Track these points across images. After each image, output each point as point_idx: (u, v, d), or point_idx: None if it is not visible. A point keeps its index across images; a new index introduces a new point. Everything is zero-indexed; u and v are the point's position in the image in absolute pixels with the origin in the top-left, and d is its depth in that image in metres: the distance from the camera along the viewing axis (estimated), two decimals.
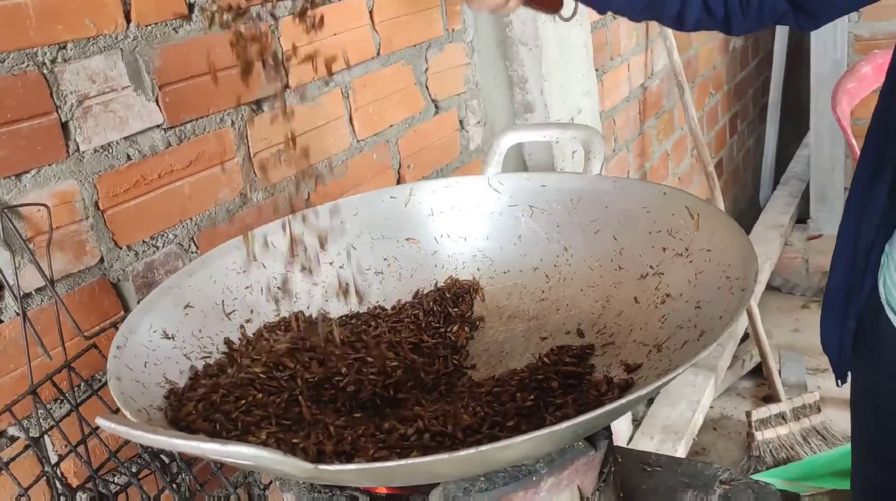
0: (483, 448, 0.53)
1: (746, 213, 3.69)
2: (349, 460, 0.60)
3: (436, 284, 1.01)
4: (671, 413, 2.23)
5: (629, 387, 0.73)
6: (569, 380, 0.78)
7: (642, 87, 2.47)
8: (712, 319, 0.72)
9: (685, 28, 0.99)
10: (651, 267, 0.89)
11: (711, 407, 2.53)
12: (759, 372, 2.58)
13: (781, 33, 3.66)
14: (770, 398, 2.49)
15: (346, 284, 0.98)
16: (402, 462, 0.54)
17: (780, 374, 2.55)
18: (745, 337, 2.67)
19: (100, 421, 0.55)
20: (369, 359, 0.81)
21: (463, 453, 0.53)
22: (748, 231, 3.35)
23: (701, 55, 2.98)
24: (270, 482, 1.00)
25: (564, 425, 0.54)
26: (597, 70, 2.10)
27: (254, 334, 0.92)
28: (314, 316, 0.94)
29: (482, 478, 0.68)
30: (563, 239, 1.00)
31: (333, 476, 0.57)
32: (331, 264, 1.03)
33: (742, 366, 2.63)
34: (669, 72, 2.43)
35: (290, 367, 0.83)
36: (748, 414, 2.25)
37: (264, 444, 0.61)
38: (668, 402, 2.29)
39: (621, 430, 2.13)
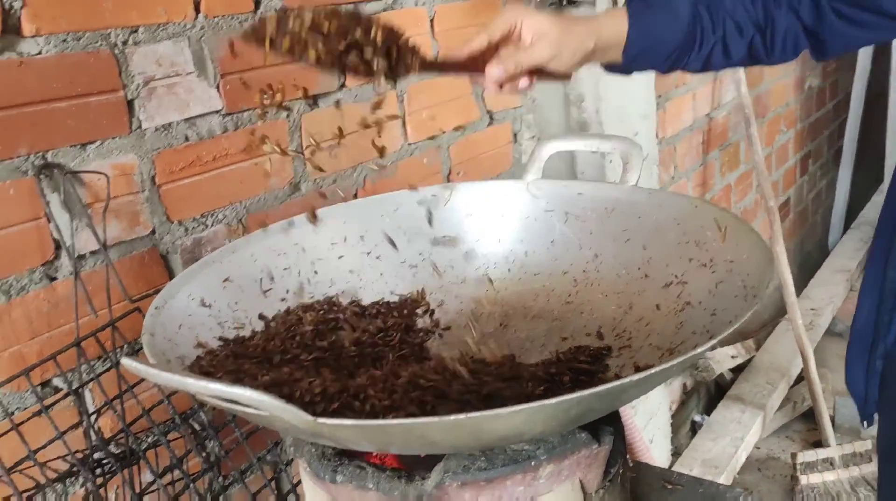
0: (473, 414, 0.55)
1: (813, 255, 3.60)
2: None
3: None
4: (713, 448, 2.19)
5: None
6: (580, 377, 0.79)
7: (708, 117, 2.45)
8: (723, 324, 0.72)
9: (712, 71, 0.99)
10: (676, 276, 0.89)
11: (758, 448, 2.48)
12: (812, 416, 2.51)
13: (861, 77, 3.58)
14: (820, 443, 2.41)
15: None
16: (396, 421, 0.56)
17: (832, 420, 2.47)
18: (800, 379, 2.60)
19: (124, 361, 0.59)
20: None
21: (453, 418, 0.56)
22: (812, 274, 3.27)
23: (773, 91, 2.94)
24: (292, 459, 1.04)
25: (554, 400, 0.56)
26: (659, 96, 2.10)
27: (286, 311, 0.96)
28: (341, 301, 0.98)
29: (482, 458, 0.70)
30: (594, 246, 1.01)
31: (332, 431, 0.60)
32: (368, 254, 1.07)
33: (794, 408, 2.57)
34: (738, 104, 2.41)
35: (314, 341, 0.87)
36: (793, 456, 2.19)
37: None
38: (710, 436, 2.25)
39: (659, 459, 2.10)
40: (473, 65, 0.86)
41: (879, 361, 0.97)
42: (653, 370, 0.58)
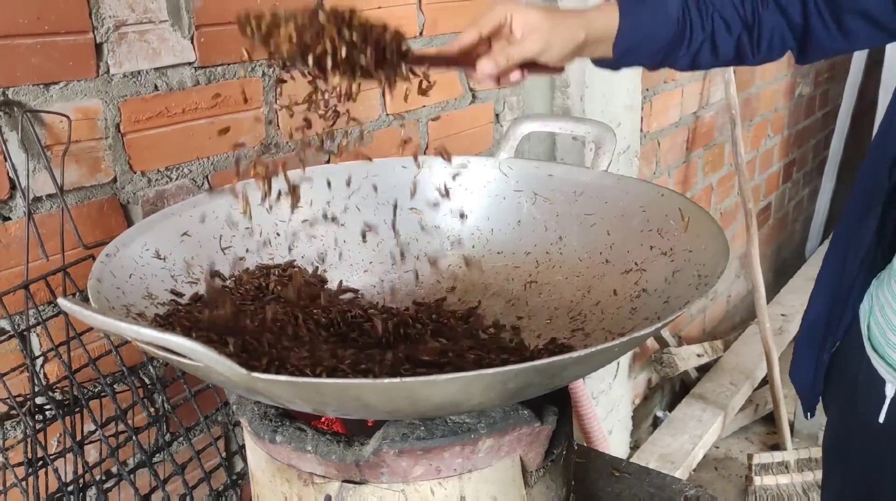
0: (407, 378, 0.55)
1: (789, 262, 3.63)
2: None
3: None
4: (671, 443, 2.20)
5: None
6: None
7: (694, 115, 2.45)
8: (673, 312, 0.72)
9: (699, 69, 0.99)
10: (636, 263, 0.89)
11: (717, 447, 2.50)
12: (773, 420, 2.53)
13: (851, 89, 3.59)
14: (779, 447, 2.44)
15: None
16: (329, 380, 0.56)
17: (792, 425, 2.50)
18: (764, 383, 2.62)
19: (60, 300, 0.58)
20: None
21: (387, 381, 0.55)
22: (787, 281, 3.30)
23: (763, 95, 2.94)
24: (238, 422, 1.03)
25: (491, 371, 0.55)
26: (647, 90, 2.10)
27: (243, 271, 0.95)
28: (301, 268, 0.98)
29: (422, 427, 0.70)
30: (559, 228, 1.01)
31: (267, 387, 0.59)
32: (333, 220, 1.06)
33: (755, 411, 2.59)
34: (726, 105, 2.41)
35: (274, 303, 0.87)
36: (749, 457, 2.21)
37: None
38: (670, 432, 2.27)
39: (617, 451, 2.12)
40: (465, 59, 0.86)
41: (827, 355, 0.98)
42: (592, 349, 0.57)
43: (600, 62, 0.91)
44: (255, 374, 0.56)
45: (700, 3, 0.88)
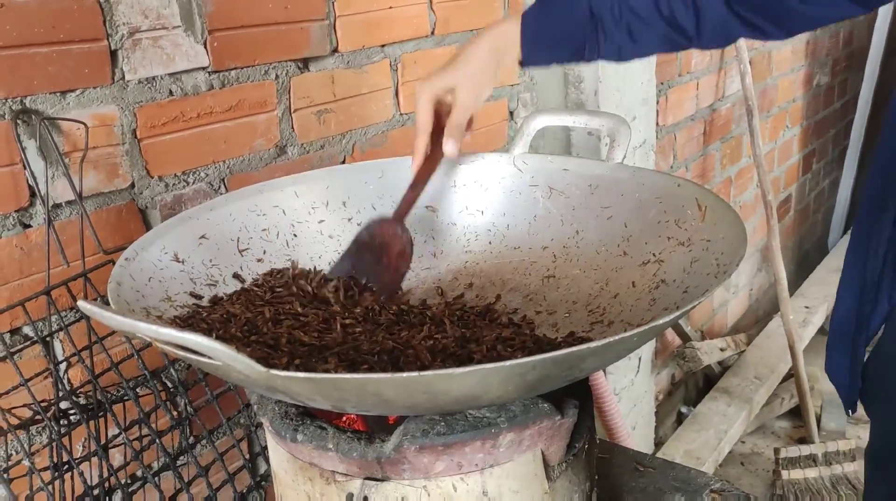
0: (425, 372, 0.55)
1: (812, 254, 3.59)
2: None
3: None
4: (696, 438, 2.19)
5: None
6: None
7: (711, 108, 2.43)
8: (693, 301, 0.71)
9: (629, 60, 0.97)
10: (654, 254, 0.89)
11: (743, 442, 2.48)
12: (799, 414, 2.51)
13: (869, 78, 3.55)
14: (805, 441, 2.41)
15: None
16: (348, 375, 0.56)
17: (818, 419, 2.47)
18: (789, 376, 2.59)
19: (80, 303, 0.59)
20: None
21: (406, 375, 0.55)
22: (810, 273, 3.26)
23: (780, 86, 2.92)
24: (261, 423, 1.03)
25: (508, 363, 0.55)
26: (661, 83, 2.09)
27: (262, 274, 0.95)
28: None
29: (442, 423, 0.69)
30: (576, 222, 1.00)
31: (286, 384, 0.59)
32: (349, 220, 1.06)
33: (781, 405, 2.56)
34: (742, 96, 2.39)
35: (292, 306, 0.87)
36: (776, 451, 2.19)
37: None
38: (695, 427, 2.25)
39: (642, 447, 2.10)
40: (432, 161, 0.97)
41: (862, 349, 0.96)
42: (610, 339, 0.57)
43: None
44: (274, 371, 0.56)
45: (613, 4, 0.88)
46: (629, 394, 1.99)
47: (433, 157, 0.98)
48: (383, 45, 1.29)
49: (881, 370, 0.97)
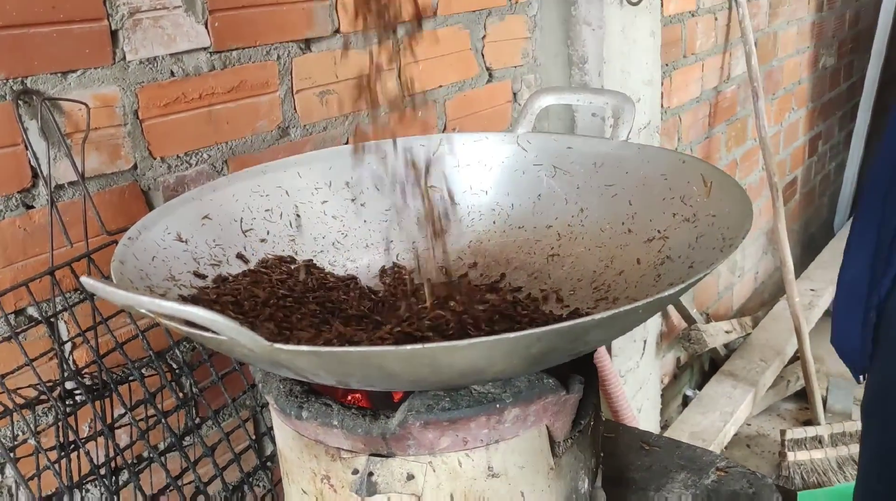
0: (429, 344, 0.54)
1: (817, 237, 3.58)
2: None
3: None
4: (702, 421, 2.19)
5: None
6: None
7: (716, 90, 2.42)
8: (698, 274, 0.71)
9: None
10: (658, 231, 0.88)
11: (749, 424, 2.48)
12: (805, 396, 2.50)
13: (876, 60, 3.53)
14: (811, 422, 2.41)
15: None
16: (351, 349, 0.55)
17: (825, 401, 2.47)
18: (795, 359, 2.59)
19: (83, 279, 0.58)
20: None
21: (409, 347, 0.55)
22: (816, 256, 3.25)
23: (786, 67, 2.90)
24: (266, 403, 1.04)
25: (513, 335, 0.55)
26: (666, 65, 2.07)
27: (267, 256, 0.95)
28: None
29: (447, 398, 0.69)
30: (580, 201, 1.00)
31: (290, 358, 0.59)
32: (353, 201, 1.06)
33: (787, 387, 2.56)
34: (747, 78, 2.38)
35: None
36: (782, 433, 2.19)
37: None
38: (700, 410, 2.25)
39: (646, 429, 2.10)
40: None
41: (873, 312, 0.95)
42: (615, 310, 0.57)
43: None
44: (278, 345, 0.56)
45: None
46: (634, 377, 1.99)
47: None
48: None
49: (886, 323, 0.96)
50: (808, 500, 1.99)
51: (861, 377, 1.03)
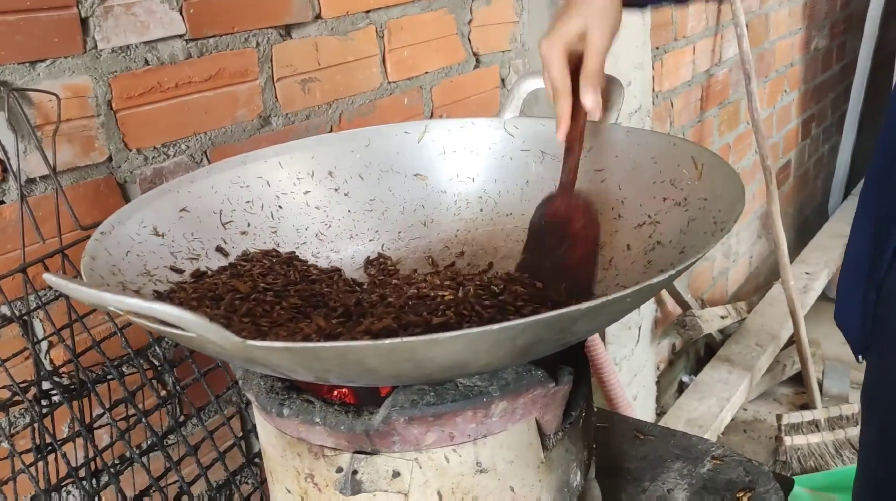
0: (408, 338, 0.52)
1: (812, 220, 3.56)
2: None
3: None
4: (698, 407, 2.17)
5: None
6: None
7: (707, 73, 2.39)
8: (689, 260, 0.69)
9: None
10: (649, 216, 0.86)
11: (745, 409, 2.46)
12: (801, 381, 2.49)
13: (868, 41, 3.50)
14: (807, 406, 2.40)
15: None
16: (327, 344, 0.53)
17: (820, 385, 2.46)
18: (791, 343, 2.58)
19: (46, 276, 0.56)
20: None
21: (388, 341, 0.52)
22: (810, 239, 3.23)
23: (778, 49, 2.87)
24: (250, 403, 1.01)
25: (496, 326, 0.52)
26: (657, 48, 2.04)
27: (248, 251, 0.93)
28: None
29: (432, 393, 0.67)
30: None
31: (265, 355, 0.56)
32: (336, 190, 1.03)
33: (783, 371, 2.55)
34: (739, 61, 2.35)
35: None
36: (779, 417, 2.17)
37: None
38: (696, 396, 2.23)
39: (643, 417, 2.09)
40: (575, 120, 0.87)
41: (874, 292, 0.93)
42: (602, 299, 0.54)
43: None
44: (251, 341, 0.54)
45: None
46: (629, 364, 1.97)
47: (575, 115, 0.88)
48: (368, 11, 1.25)
49: (884, 306, 0.94)
50: (805, 484, 1.98)
51: (860, 355, 1.01)
